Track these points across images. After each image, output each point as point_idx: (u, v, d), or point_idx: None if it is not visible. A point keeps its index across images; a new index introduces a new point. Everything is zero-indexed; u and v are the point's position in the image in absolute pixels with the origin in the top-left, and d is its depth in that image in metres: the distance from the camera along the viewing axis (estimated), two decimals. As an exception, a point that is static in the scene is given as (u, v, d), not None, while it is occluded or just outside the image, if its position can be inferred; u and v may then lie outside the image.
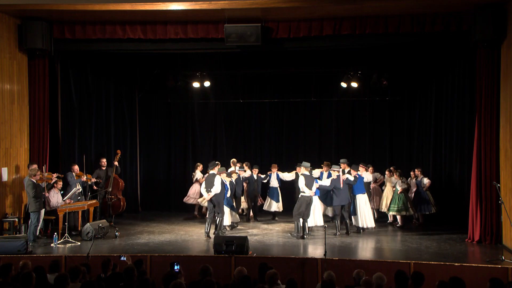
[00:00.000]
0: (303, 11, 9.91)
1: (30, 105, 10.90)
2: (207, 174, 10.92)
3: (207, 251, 9.20)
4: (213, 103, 14.28)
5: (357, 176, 10.86)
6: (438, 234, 10.62)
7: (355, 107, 14.02)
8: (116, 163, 12.23)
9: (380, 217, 12.25)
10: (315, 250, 9.25)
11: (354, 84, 12.92)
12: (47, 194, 10.35)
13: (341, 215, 10.87)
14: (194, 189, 12.78)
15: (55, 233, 9.76)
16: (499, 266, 8.02)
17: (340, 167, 10.94)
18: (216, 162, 10.84)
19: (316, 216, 10.74)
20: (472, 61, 10.36)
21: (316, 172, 11.75)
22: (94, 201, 11.20)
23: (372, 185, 12.21)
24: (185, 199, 12.90)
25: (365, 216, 10.96)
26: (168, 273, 5.81)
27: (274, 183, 12.54)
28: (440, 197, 11.79)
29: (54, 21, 10.59)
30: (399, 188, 11.34)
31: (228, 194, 11.06)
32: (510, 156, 9.31)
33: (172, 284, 5.04)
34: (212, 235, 10.00)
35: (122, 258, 7.42)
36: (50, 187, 10.62)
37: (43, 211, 10.05)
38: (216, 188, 10.27)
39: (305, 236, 10.19)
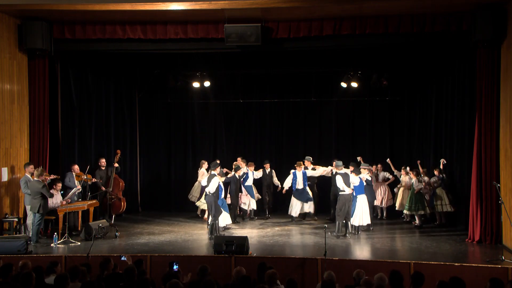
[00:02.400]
0: (303, 11, 9.91)
1: (30, 105, 10.89)
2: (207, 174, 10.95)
3: (207, 251, 9.20)
4: (213, 103, 14.27)
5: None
6: (438, 234, 10.64)
7: (355, 107, 14.01)
8: (116, 164, 12.21)
9: (391, 216, 12.38)
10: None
11: (354, 84, 12.92)
12: None
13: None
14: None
15: (55, 233, 9.75)
16: (499, 266, 8.03)
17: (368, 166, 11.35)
18: (218, 162, 10.82)
19: (364, 215, 10.74)
20: (472, 61, 10.35)
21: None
22: (94, 201, 11.20)
23: (376, 184, 12.31)
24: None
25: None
26: (167, 273, 5.81)
27: (250, 181, 12.52)
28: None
29: (54, 21, 10.58)
30: (415, 188, 11.35)
31: (223, 195, 11.13)
32: (510, 156, 9.31)
33: (169, 284, 5.04)
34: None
35: (122, 258, 7.42)
36: (50, 187, 10.59)
37: None
38: (210, 188, 10.24)
39: (347, 235, 10.26)
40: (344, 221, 10.40)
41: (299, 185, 12.14)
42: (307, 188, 12.19)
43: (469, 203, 10.11)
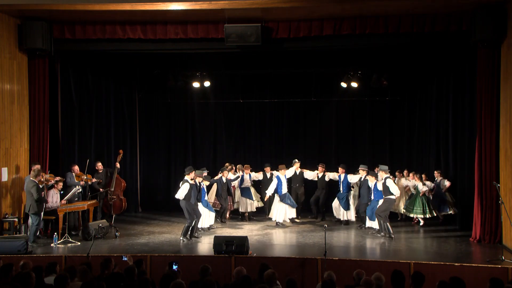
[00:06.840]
0: (303, 11, 9.91)
1: (30, 105, 10.89)
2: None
3: (207, 251, 9.20)
4: (213, 103, 14.28)
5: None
6: (438, 234, 10.64)
7: (355, 107, 14.02)
8: (117, 164, 12.19)
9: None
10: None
11: (354, 84, 12.93)
12: (46, 197, 10.09)
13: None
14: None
15: (55, 233, 9.76)
16: (499, 266, 8.03)
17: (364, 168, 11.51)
18: (191, 167, 10.69)
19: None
20: (472, 61, 10.35)
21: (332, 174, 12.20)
22: (94, 201, 11.20)
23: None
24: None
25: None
26: (165, 274, 5.79)
27: (247, 183, 12.46)
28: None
29: (54, 21, 10.58)
30: (421, 190, 11.39)
31: (206, 197, 11.13)
32: (510, 156, 9.31)
33: (172, 285, 5.04)
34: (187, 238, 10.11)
35: (124, 259, 7.44)
36: (50, 187, 10.59)
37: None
38: (178, 195, 10.16)
39: (392, 236, 10.19)
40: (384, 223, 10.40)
41: (284, 189, 11.78)
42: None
43: (469, 203, 10.10)
